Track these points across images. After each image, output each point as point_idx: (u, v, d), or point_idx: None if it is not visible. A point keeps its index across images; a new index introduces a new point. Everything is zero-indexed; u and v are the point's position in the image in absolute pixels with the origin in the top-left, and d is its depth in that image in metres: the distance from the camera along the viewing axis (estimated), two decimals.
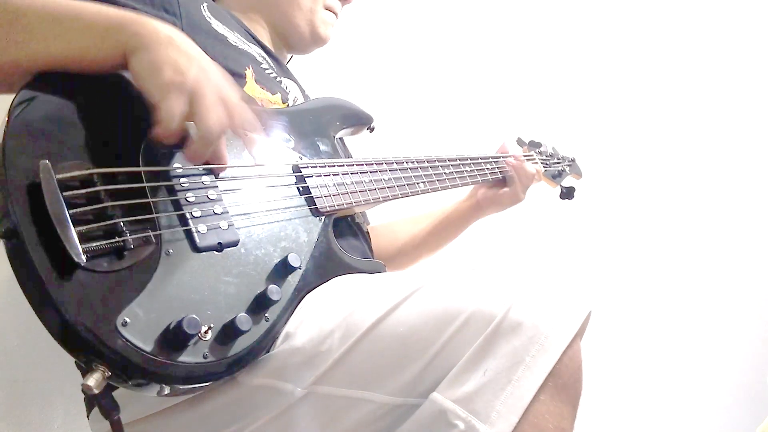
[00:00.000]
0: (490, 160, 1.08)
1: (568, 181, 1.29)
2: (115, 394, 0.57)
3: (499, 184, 1.13)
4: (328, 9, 1.03)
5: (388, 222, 1.15)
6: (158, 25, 0.61)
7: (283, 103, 0.89)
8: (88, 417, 0.76)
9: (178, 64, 0.58)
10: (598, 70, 1.92)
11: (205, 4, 0.87)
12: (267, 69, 0.91)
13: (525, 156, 1.16)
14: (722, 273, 2.00)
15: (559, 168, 1.27)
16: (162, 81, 0.57)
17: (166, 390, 0.56)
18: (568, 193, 1.25)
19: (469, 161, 1.02)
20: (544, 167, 1.23)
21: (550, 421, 0.58)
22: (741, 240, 2.03)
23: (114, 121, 0.61)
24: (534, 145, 1.25)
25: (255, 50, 0.91)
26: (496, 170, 1.08)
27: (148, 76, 0.58)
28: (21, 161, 0.52)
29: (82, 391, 0.75)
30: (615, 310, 1.77)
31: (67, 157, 0.55)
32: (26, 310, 0.50)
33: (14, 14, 0.59)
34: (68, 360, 0.72)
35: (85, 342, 0.50)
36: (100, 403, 0.54)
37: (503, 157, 1.12)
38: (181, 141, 0.61)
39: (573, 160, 1.32)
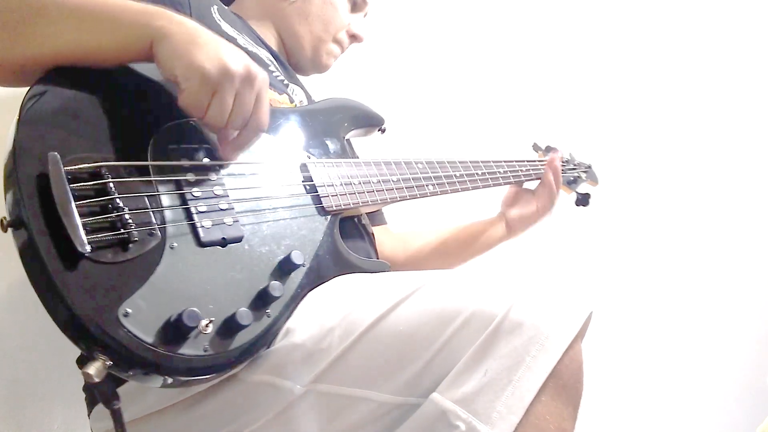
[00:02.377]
0: (503, 164, 1.06)
1: (583, 188, 1.26)
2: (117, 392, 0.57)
3: (524, 198, 1.12)
4: (337, 42, 1.04)
5: (403, 231, 1.14)
6: (184, 18, 0.62)
7: (290, 104, 0.90)
8: (89, 416, 0.76)
9: (207, 50, 0.59)
10: (616, 76, 1.92)
11: (215, 7, 0.88)
12: (275, 72, 0.92)
13: (540, 161, 1.14)
14: (722, 273, 1.99)
15: (575, 174, 1.25)
16: (192, 64, 0.58)
17: (170, 380, 0.56)
18: (583, 200, 1.22)
19: (481, 164, 1.00)
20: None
21: (551, 421, 0.58)
22: (741, 240, 2.03)
23: (123, 115, 0.62)
24: (550, 150, 1.22)
25: (264, 53, 0.92)
26: (509, 175, 1.06)
27: (178, 60, 0.59)
28: (31, 153, 0.53)
29: (84, 387, 0.76)
30: (616, 310, 1.76)
31: (77, 149, 0.56)
32: (27, 310, 0.51)
33: (40, 8, 0.60)
34: (68, 360, 0.73)
35: (87, 331, 0.51)
36: (101, 391, 0.54)
37: (521, 162, 1.10)
38: (193, 137, 0.62)
39: (589, 167, 1.30)
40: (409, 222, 1.16)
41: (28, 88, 0.58)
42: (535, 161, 1.13)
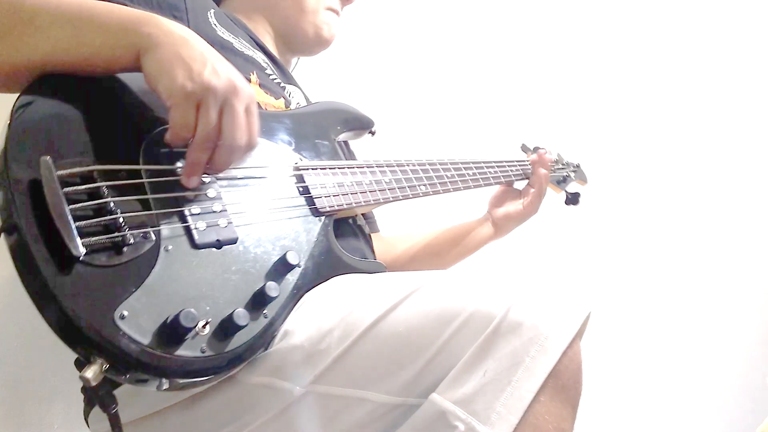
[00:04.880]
0: (493, 164, 1.08)
1: (573, 187, 1.29)
2: (114, 393, 0.57)
3: (511, 198, 1.14)
4: (329, 10, 1.03)
5: (390, 235, 1.15)
6: (173, 25, 0.61)
7: (286, 107, 0.90)
8: (88, 417, 0.76)
9: (191, 67, 0.58)
10: (603, 75, 1.93)
11: (212, 11, 0.88)
12: (271, 75, 0.92)
13: (529, 162, 1.16)
14: (722, 273, 2.00)
15: (564, 174, 1.27)
16: (174, 84, 0.57)
17: (165, 384, 0.56)
18: (573, 199, 1.25)
19: (472, 165, 1.02)
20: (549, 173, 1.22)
21: (550, 422, 0.58)
22: (741, 240, 2.03)
23: (115, 119, 0.62)
24: (538, 151, 1.25)
25: (259, 56, 0.92)
26: (499, 175, 1.08)
27: (161, 77, 0.58)
28: (23, 158, 0.53)
29: (82, 389, 0.75)
30: (615, 310, 1.77)
31: (69, 154, 0.56)
32: (26, 310, 0.51)
33: (28, 15, 0.59)
34: (68, 360, 0.73)
35: (83, 334, 0.50)
36: (98, 395, 0.54)
37: (510, 162, 1.12)
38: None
39: (578, 166, 1.32)
40: (401, 224, 1.17)
41: (18, 94, 0.57)
42: (524, 161, 1.16)
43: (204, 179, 0.64)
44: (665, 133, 2.01)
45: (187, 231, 0.60)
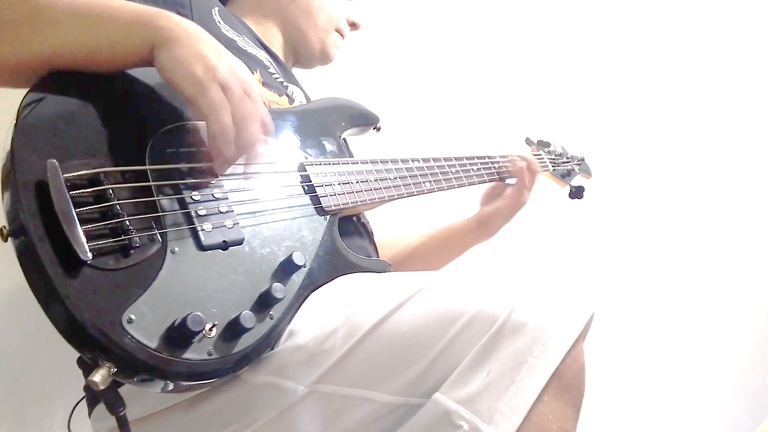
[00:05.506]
0: (498, 159, 1.08)
1: (577, 181, 1.28)
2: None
3: (498, 193, 1.12)
4: (338, 31, 1.06)
5: (382, 238, 1.15)
6: (184, 21, 0.62)
7: (290, 105, 0.90)
8: (89, 416, 0.76)
9: (208, 59, 0.59)
10: (607, 69, 1.92)
11: (216, 9, 0.88)
12: (274, 73, 0.92)
13: (534, 155, 1.16)
14: (722, 273, 2.01)
15: (568, 167, 1.26)
16: (193, 74, 0.58)
17: (171, 386, 0.56)
18: (577, 193, 1.24)
19: (476, 160, 1.02)
20: (553, 166, 1.22)
21: (554, 422, 0.58)
22: (741, 240, 2.04)
23: (120, 120, 0.61)
24: (543, 144, 1.24)
25: (263, 55, 0.92)
26: (504, 170, 1.08)
27: (178, 70, 0.59)
28: (29, 160, 0.53)
29: (85, 388, 0.76)
30: (617, 311, 1.77)
31: (75, 156, 0.56)
32: (27, 310, 0.51)
33: (41, 9, 0.59)
34: (68, 360, 0.73)
35: (91, 338, 0.50)
36: (106, 399, 0.54)
37: (504, 156, 1.11)
38: (191, 141, 0.62)
39: (582, 160, 1.32)
40: (397, 221, 1.17)
41: (25, 93, 0.57)
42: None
43: (209, 180, 0.64)
44: (670, 127, 2.01)
45: (194, 233, 0.60)
